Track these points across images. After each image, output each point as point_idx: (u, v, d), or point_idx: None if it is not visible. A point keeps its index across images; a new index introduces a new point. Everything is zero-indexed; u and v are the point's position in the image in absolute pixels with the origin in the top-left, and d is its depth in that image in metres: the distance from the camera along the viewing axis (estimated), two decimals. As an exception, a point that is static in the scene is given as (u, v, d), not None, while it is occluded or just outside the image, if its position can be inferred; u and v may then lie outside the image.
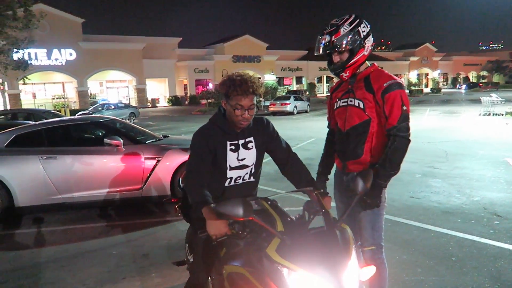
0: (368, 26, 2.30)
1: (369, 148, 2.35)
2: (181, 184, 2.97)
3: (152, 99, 42.26)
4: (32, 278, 3.59)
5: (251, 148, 2.29)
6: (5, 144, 5.30)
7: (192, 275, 2.47)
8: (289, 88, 50.40)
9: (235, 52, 47.51)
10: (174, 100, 42.51)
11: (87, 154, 5.35)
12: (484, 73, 70.73)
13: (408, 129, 2.23)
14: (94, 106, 25.85)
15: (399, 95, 2.21)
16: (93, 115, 22.15)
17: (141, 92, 41.21)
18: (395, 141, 2.21)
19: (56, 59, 35.48)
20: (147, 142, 5.79)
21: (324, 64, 48.37)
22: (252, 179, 2.36)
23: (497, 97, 19.67)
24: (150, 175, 5.35)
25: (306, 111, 25.89)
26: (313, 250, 1.67)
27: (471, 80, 69.11)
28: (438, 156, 8.65)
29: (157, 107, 41.20)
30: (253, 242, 1.89)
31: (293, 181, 2.34)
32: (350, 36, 2.22)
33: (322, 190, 2.19)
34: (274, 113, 24.13)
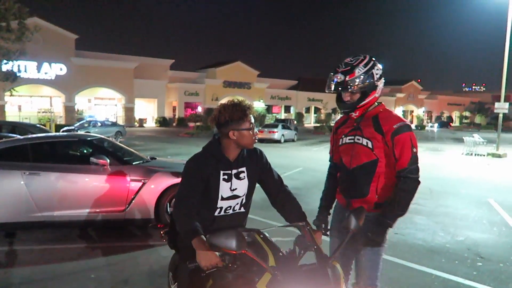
0: (381, 68, 2.35)
1: (375, 187, 2.35)
2: (169, 210, 2.92)
3: (139, 118, 42.07)
4: (5, 300, 3.43)
5: (243, 179, 2.28)
6: (-14, 158, 5.15)
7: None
8: (277, 116, 50.86)
9: (226, 77, 48.04)
10: (162, 121, 42.41)
11: (72, 172, 5.23)
12: (467, 113, 72.82)
13: (418, 170, 2.26)
14: (81, 123, 25.57)
15: (409, 138, 2.24)
16: (78, 131, 21.92)
17: (129, 111, 41.03)
18: (406, 183, 2.23)
19: (46, 73, 35.23)
20: (134, 163, 5.72)
21: (313, 95, 49.07)
22: (242, 209, 2.34)
23: (479, 138, 20.18)
24: (134, 197, 5.25)
25: (293, 140, 26.06)
26: (304, 286, 1.64)
27: (453, 120, 70.98)
28: (423, 193, 8.73)
29: (144, 127, 41.01)
30: (243, 275, 1.86)
31: (284, 214, 2.33)
32: (364, 78, 2.26)
33: (323, 225, 2.21)
34: (262, 140, 24.22)
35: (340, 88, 2.31)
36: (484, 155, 17.95)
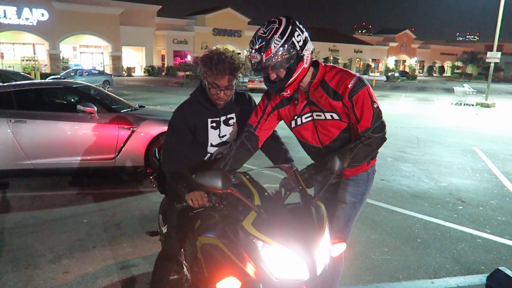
0: (304, 31, 1.92)
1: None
2: (157, 155, 2.93)
3: (127, 67, 41.07)
4: (-2, 243, 3.50)
5: (232, 125, 2.27)
6: (-30, 105, 5.04)
7: (165, 245, 2.47)
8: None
9: (216, 25, 46.52)
10: (151, 70, 41.50)
11: (59, 120, 5.16)
12: (459, 63, 72.39)
13: (384, 127, 2.03)
14: (67, 71, 24.89)
15: (367, 94, 1.98)
16: (65, 80, 21.42)
17: (116, 59, 39.88)
18: (370, 139, 2.01)
19: (27, 19, 33.67)
20: (122, 111, 5.64)
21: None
22: (231, 154, 2.35)
23: (469, 88, 20.24)
24: (124, 145, 5.24)
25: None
26: (288, 225, 1.69)
27: (445, 70, 70.66)
28: (410, 142, 8.87)
29: (133, 76, 40.19)
30: (229, 215, 1.90)
31: (271, 157, 2.35)
32: (283, 52, 1.85)
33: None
34: (252, 90, 24.00)
35: (261, 72, 1.94)
36: (473, 105, 18.10)
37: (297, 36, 1.87)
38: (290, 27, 1.86)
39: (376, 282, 2.96)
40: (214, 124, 2.22)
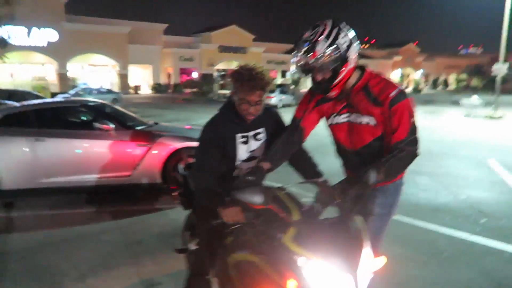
0: (349, 32, 1.97)
1: None
2: (181, 172, 2.93)
3: (135, 85, 41.54)
4: (23, 262, 3.49)
5: (260, 140, 2.28)
6: (-10, 124, 5.10)
7: (195, 262, 2.44)
8: (276, 81, 50.31)
9: (221, 42, 47.10)
10: (158, 88, 41.92)
11: (76, 138, 5.21)
12: (464, 76, 72.33)
13: (417, 142, 2.03)
14: (76, 90, 25.22)
15: (407, 106, 1.99)
16: (81, 98, 21.63)
17: (123, 77, 40.40)
18: (403, 152, 1.99)
19: (37, 39, 34.32)
20: (137, 128, 5.69)
21: (310, 58, 48.58)
22: (261, 169, 2.34)
23: (478, 99, 20.17)
24: (140, 162, 5.26)
25: (290, 105, 25.95)
26: (329, 240, 1.67)
27: (448, 83, 70.66)
28: (423, 154, 8.77)
29: (139, 94, 40.55)
30: (265, 231, 1.89)
31: (301, 172, 2.34)
32: (328, 54, 1.90)
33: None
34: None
35: (306, 74, 2.02)
36: (482, 117, 18.01)
37: (342, 38, 1.92)
38: (335, 30, 1.91)
39: (407, 298, 2.90)
40: (243, 139, 2.22)
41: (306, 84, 56.49)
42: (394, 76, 64.57)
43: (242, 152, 2.22)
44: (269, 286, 1.75)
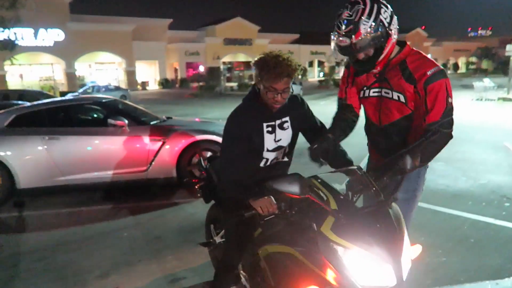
0: (388, 6, 1.91)
1: (414, 141, 2.06)
2: (203, 165, 2.89)
3: (142, 82, 41.61)
4: (44, 261, 3.48)
5: (287, 128, 2.20)
6: (6, 124, 5.11)
7: (224, 256, 2.39)
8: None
9: (226, 35, 46.85)
10: (165, 83, 41.95)
11: (90, 135, 5.20)
12: (473, 59, 71.23)
13: (452, 124, 1.96)
14: (84, 88, 25.36)
15: (444, 86, 1.91)
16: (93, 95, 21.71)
17: (130, 74, 40.48)
18: (436, 134, 1.93)
19: (43, 40, 34.49)
20: (151, 123, 5.64)
21: (316, 48, 47.58)
22: (286, 158, 2.29)
23: (490, 82, 19.82)
24: (155, 157, 5.23)
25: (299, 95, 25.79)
26: (368, 229, 1.61)
27: (459, 67, 69.67)
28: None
29: (147, 90, 40.63)
30: (299, 221, 1.83)
31: (330, 161, 2.26)
32: (373, 32, 1.83)
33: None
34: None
35: (351, 55, 1.96)
36: (494, 100, 17.70)
37: (384, 13, 1.86)
38: (376, 5, 1.85)
39: (437, 285, 2.83)
40: (269, 129, 2.15)
41: (312, 74, 56.25)
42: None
43: (269, 141, 2.15)
44: (306, 277, 1.70)
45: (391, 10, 1.90)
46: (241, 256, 2.29)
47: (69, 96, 18.01)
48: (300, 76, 42.38)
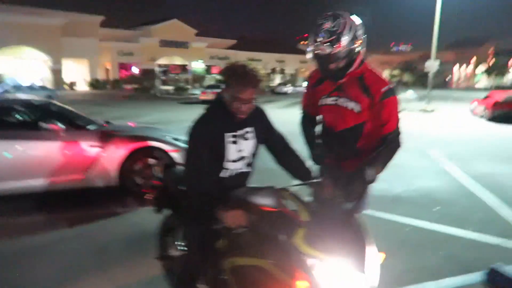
0: (360, 22, 2.16)
1: (364, 146, 2.36)
2: (157, 175, 2.78)
3: (70, 82, 39.10)
4: (-30, 280, 3.11)
5: (249, 139, 2.20)
6: None
7: (184, 269, 2.31)
8: (218, 77, 49.95)
9: (163, 36, 45.85)
10: (96, 84, 39.82)
11: (21, 139, 4.75)
12: (396, 72, 77.02)
13: (401, 133, 2.33)
14: (4, 88, 23.18)
15: (396, 102, 2.26)
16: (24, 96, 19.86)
17: (56, 73, 37.79)
18: (392, 144, 2.28)
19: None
20: (88, 127, 5.30)
21: (253, 55, 48.16)
22: (248, 169, 2.28)
23: (412, 94, 21.57)
24: (94, 164, 4.94)
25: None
26: (337, 239, 1.66)
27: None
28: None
29: (75, 90, 38.27)
30: (268, 233, 1.83)
31: (291, 171, 2.29)
32: (351, 44, 2.08)
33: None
34: (205, 102, 23.65)
35: (327, 63, 2.16)
36: (416, 111, 19.26)
37: (359, 30, 2.11)
38: (356, 22, 2.10)
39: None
40: (233, 139, 2.13)
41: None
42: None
43: (232, 152, 2.13)
44: None
45: (361, 24, 2.16)
46: (203, 269, 2.24)
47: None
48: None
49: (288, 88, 41.37)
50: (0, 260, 3.48)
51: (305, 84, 2.73)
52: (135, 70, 42.58)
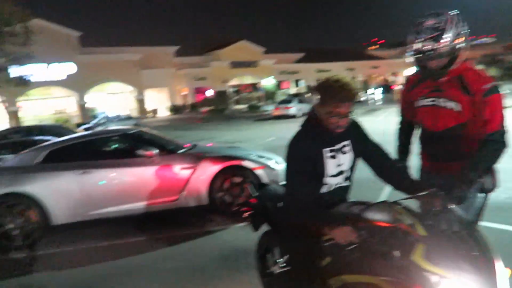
0: (465, 23, 2.13)
1: (466, 148, 2.22)
2: (254, 193, 2.86)
3: (152, 109, 42.19)
4: (91, 299, 3.43)
5: (348, 152, 2.17)
6: (37, 161, 5.14)
7: (291, 282, 2.31)
8: (289, 91, 50.28)
9: (232, 58, 47.51)
10: (175, 109, 42.44)
11: (121, 167, 5.21)
12: (481, 66, 71.10)
13: (506, 133, 2.13)
14: (98, 120, 25.67)
15: (500, 99, 2.12)
16: (99, 128, 21.98)
17: (141, 102, 41.09)
18: (497, 144, 2.11)
19: (55, 74, 35.30)
20: (178, 151, 5.64)
21: (321, 66, 47.54)
22: (347, 182, 2.24)
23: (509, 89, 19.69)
24: (186, 185, 5.21)
25: (310, 113, 25.72)
26: (460, 254, 1.55)
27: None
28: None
29: (157, 117, 41.08)
30: (379, 249, 1.76)
31: (393, 183, 2.20)
32: (455, 41, 2.04)
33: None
34: (279, 117, 23.82)
35: (429, 60, 2.11)
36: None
37: (463, 27, 2.08)
38: (460, 19, 2.08)
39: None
40: (331, 153, 2.12)
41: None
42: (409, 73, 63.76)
43: (331, 167, 2.11)
44: None
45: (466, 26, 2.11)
46: (309, 286, 2.22)
47: (81, 129, 18.23)
48: (309, 94, 42.55)
49: (363, 95, 38.06)
50: (110, 278, 3.79)
51: (378, 91, 2.79)
52: (209, 93, 44.56)
